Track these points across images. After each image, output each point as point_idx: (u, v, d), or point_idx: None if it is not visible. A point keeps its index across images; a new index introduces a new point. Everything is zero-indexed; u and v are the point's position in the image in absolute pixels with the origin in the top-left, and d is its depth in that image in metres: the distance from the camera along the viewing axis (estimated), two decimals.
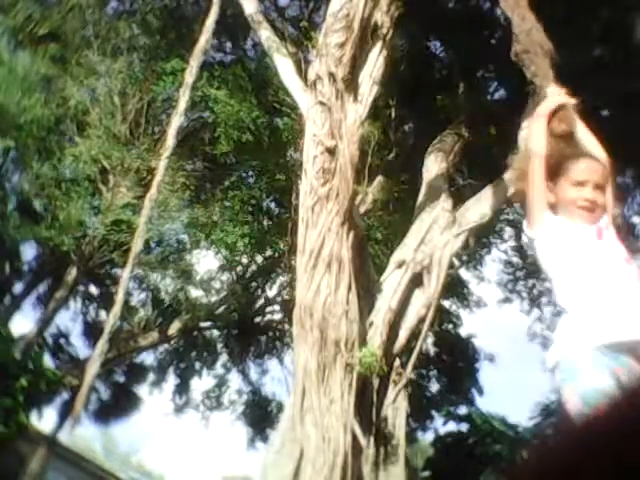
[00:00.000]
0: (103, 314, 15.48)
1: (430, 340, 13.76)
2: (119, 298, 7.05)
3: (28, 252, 15.14)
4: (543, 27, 3.62)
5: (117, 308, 7.08)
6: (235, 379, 16.73)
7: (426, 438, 15.93)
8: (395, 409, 7.00)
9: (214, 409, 16.43)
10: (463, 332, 15.22)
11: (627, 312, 2.27)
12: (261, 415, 15.88)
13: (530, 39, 3.63)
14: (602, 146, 2.74)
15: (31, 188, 13.12)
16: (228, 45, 13.37)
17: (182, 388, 16.66)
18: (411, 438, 13.14)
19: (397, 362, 7.16)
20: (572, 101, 2.82)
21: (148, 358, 16.73)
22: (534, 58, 3.53)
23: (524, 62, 3.64)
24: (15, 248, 14.26)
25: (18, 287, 15.38)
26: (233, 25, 11.89)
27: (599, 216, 2.50)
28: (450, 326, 14.87)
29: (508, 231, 13.52)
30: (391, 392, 7.00)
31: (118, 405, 16.46)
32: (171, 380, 16.72)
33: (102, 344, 6.93)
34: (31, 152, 12.63)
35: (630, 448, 0.57)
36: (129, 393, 16.70)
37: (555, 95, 2.85)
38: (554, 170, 2.58)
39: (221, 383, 16.47)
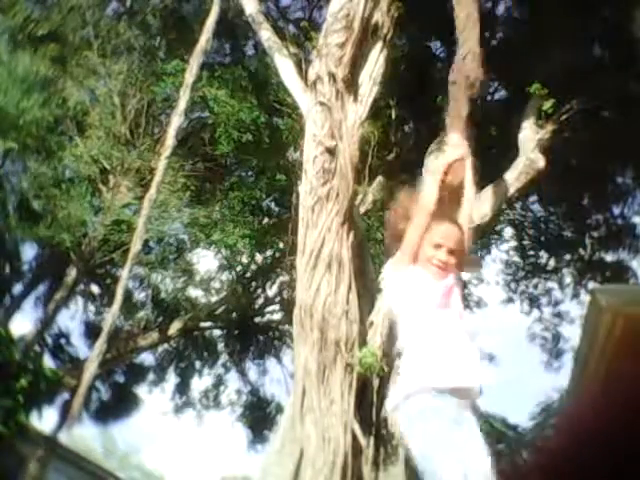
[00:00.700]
0: (104, 314, 15.46)
1: None
2: (117, 298, 7.03)
3: (28, 252, 15.12)
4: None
5: (115, 308, 7.07)
6: (235, 379, 16.73)
7: None
8: None
9: (211, 408, 16.43)
10: None
11: (459, 362, 2.69)
12: (260, 416, 15.86)
13: (463, 67, 3.64)
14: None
15: (31, 188, 13.10)
16: (228, 45, 13.37)
17: (182, 388, 16.66)
18: None
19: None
20: (469, 157, 3.15)
21: (148, 358, 16.74)
22: (456, 92, 3.59)
23: (449, 93, 3.70)
24: (15, 248, 14.24)
25: (18, 287, 15.35)
26: (233, 25, 11.89)
27: (448, 275, 2.88)
28: None
29: (508, 231, 13.53)
30: None
31: (118, 405, 16.44)
32: (171, 380, 16.74)
33: (100, 344, 6.90)
34: (31, 152, 12.62)
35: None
36: (129, 393, 16.68)
37: (455, 147, 3.14)
38: None
39: (219, 383, 16.46)
